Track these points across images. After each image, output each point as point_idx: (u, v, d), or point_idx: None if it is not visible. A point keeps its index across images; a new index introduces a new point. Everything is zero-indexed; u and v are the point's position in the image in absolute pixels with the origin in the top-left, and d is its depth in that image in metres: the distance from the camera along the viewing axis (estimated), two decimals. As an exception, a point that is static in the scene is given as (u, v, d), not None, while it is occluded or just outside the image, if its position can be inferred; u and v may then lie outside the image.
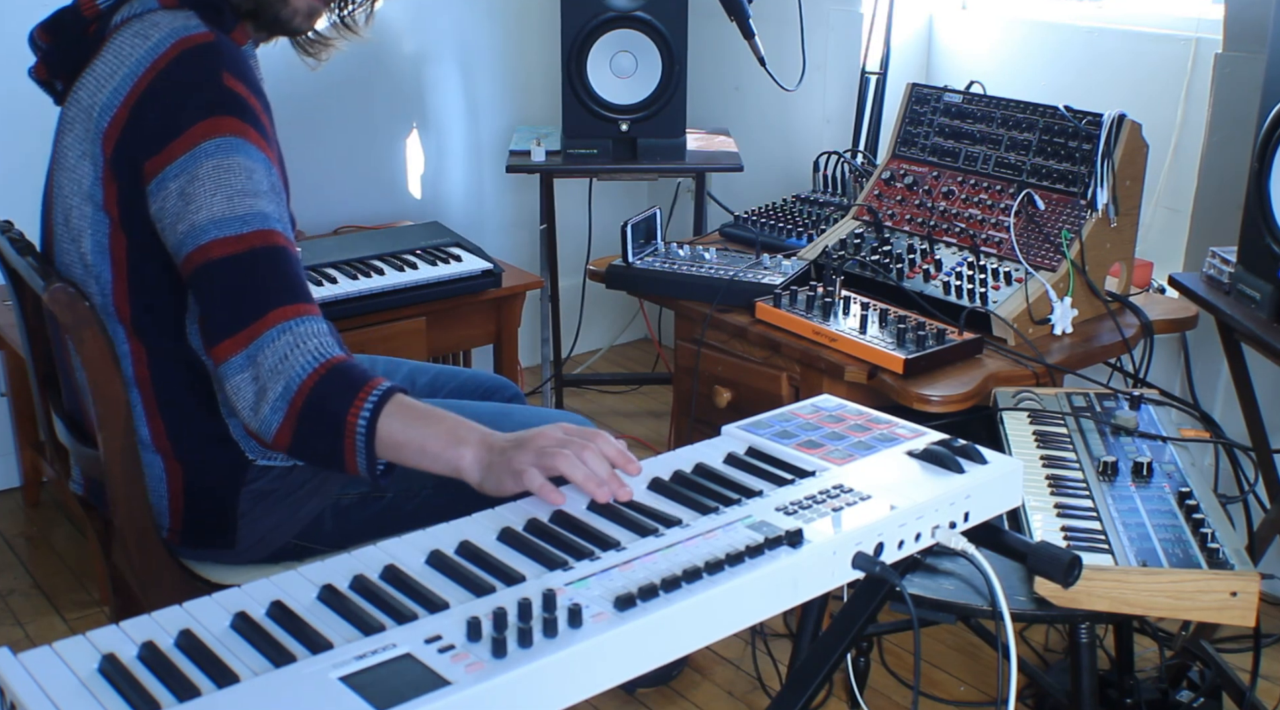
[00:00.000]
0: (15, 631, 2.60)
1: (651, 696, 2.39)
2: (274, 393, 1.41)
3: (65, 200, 1.58)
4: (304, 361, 1.42)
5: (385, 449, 1.41)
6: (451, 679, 0.92)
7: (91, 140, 1.53)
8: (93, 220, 1.55)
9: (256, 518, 1.63)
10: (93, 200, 1.54)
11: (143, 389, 1.59)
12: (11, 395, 3.01)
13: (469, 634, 0.97)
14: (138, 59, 1.52)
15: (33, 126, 2.99)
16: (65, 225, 1.58)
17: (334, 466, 1.44)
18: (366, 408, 1.40)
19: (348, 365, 1.44)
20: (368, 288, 2.72)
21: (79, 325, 1.53)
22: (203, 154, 1.47)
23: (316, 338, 1.44)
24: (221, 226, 1.46)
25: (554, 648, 0.95)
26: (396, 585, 1.07)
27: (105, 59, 1.55)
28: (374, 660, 0.94)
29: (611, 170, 3.09)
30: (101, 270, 1.56)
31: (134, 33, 1.54)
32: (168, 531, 1.64)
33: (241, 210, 1.47)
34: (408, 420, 1.40)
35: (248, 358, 1.43)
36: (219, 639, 0.99)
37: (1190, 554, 1.46)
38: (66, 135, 1.58)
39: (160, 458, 1.61)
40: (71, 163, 1.56)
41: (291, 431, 1.42)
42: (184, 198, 1.47)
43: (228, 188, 1.47)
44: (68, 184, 1.57)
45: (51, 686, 0.92)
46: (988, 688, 2.40)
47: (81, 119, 1.55)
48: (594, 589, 1.04)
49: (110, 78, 1.53)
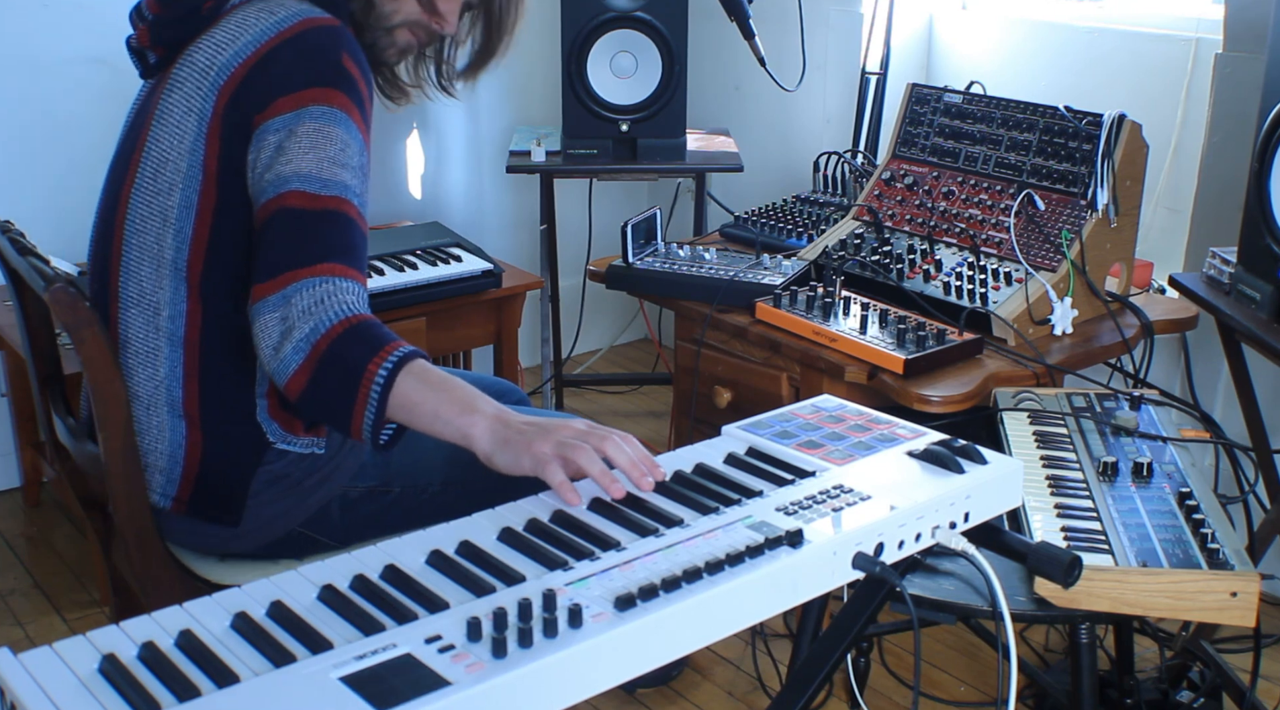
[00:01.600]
0: (15, 631, 2.60)
1: (651, 696, 2.39)
2: (299, 333, 1.44)
3: (160, 154, 1.61)
4: (336, 310, 1.45)
5: (398, 409, 1.42)
6: (451, 679, 0.92)
7: (204, 96, 1.58)
8: (187, 174, 1.59)
9: (266, 501, 1.64)
10: (192, 155, 1.58)
11: (188, 351, 1.61)
12: (11, 395, 3.02)
13: (469, 634, 0.97)
14: (263, 29, 1.58)
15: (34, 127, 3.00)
16: (154, 179, 1.61)
17: (339, 421, 1.45)
18: (389, 362, 1.42)
19: (375, 324, 1.47)
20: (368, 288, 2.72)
21: (79, 325, 1.54)
22: (307, 116, 1.53)
23: (353, 295, 1.48)
24: (305, 181, 1.51)
25: (554, 648, 0.95)
26: (396, 585, 1.07)
27: (226, 28, 1.60)
28: (374, 660, 0.94)
29: (611, 170, 3.09)
30: (184, 225, 1.59)
31: (259, 9, 1.61)
32: (172, 501, 1.63)
33: (327, 174, 1.52)
34: (425, 383, 1.41)
35: (283, 297, 1.46)
36: (219, 639, 0.99)
37: (1190, 554, 1.46)
38: (174, 93, 1.61)
39: (185, 424, 1.62)
40: (176, 118, 1.60)
41: (309, 375, 1.44)
42: (279, 150, 1.52)
43: (320, 151, 1.52)
44: (166, 138, 1.61)
45: (51, 686, 0.92)
46: (988, 688, 2.40)
47: (194, 78, 1.60)
48: (594, 589, 1.04)
49: (232, 43, 1.58)
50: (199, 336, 1.61)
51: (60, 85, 2.96)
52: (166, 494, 1.63)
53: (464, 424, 1.38)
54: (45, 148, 2.99)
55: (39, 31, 2.94)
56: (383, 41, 1.74)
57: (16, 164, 2.96)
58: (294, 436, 1.63)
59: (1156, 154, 2.56)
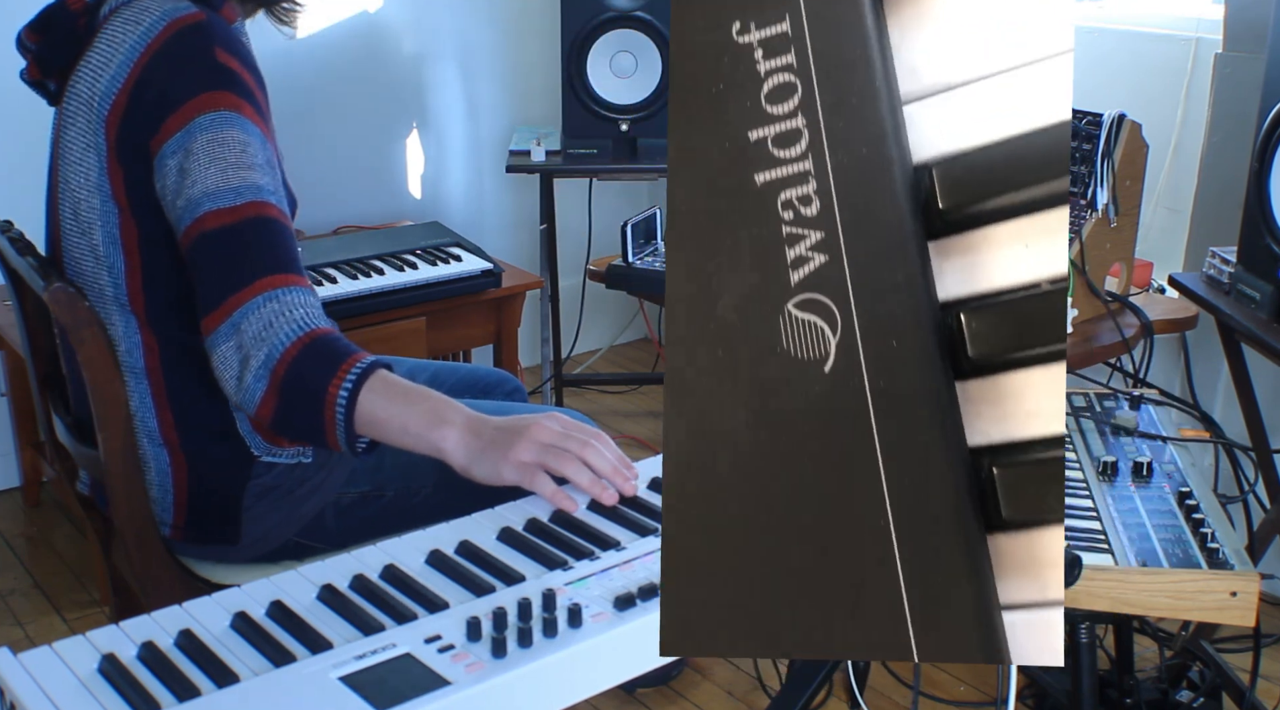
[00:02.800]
0: (15, 631, 2.60)
1: (651, 696, 2.39)
2: (256, 361, 1.41)
3: (73, 194, 1.58)
4: (288, 330, 1.41)
5: (365, 425, 1.39)
6: (451, 679, 0.92)
7: (94, 130, 1.54)
8: (102, 211, 1.55)
9: (259, 514, 1.63)
10: (101, 191, 1.55)
11: (153, 380, 1.59)
12: (11, 395, 3.01)
13: (469, 634, 0.97)
14: (131, 44, 1.53)
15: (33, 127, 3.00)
16: (74, 219, 1.58)
17: (316, 441, 1.44)
18: (348, 381, 1.38)
19: (332, 337, 1.43)
20: (368, 288, 2.72)
21: (79, 325, 1.53)
22: (197, 128, 1.48)
23: (303, 308, 1.44)
24: (215, 198, 1.46)
25: (554, 648, 0.95)
26: (396, 585, 1.07)
27: (99, 49, 1.56)
28: (374, 660, 0.94)
29: (611, 170, 3.09)
30: (114, 261, 1.56)
31: (125, 20, 1.55)
32: (170, 528, 1.63)
33: (235, 182, 1.47)
34: (390, 397, 1.38)
35: (232, 326, 1.43)
36: (219, 639, 0.99)
37: (1190, 554, 1.46)
38: (69, 129, 1.58)
39: (166, 451, 1.61)
40: (76, 156, 1.57)
41: (274, 402, 1.41)
42: (181, 173, 1.48)
43: (221, 161, 1.48)
44: (74, 177, 1.57)
45: (51, 686, 0.92)
46: (988, 688, 2.40)
47: (82, 111, 1.56)
48: (594, 589, 1.04)
49: (106, 66, 1.54)
50: (159, 364, 1.59)
51: (60, 85, 2.96)
52: (164, 522, 1.63)
53: (435, 438, 1.35)
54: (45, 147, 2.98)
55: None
56: None
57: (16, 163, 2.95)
58: (278, 447, 1.61)
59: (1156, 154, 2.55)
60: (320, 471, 1.65)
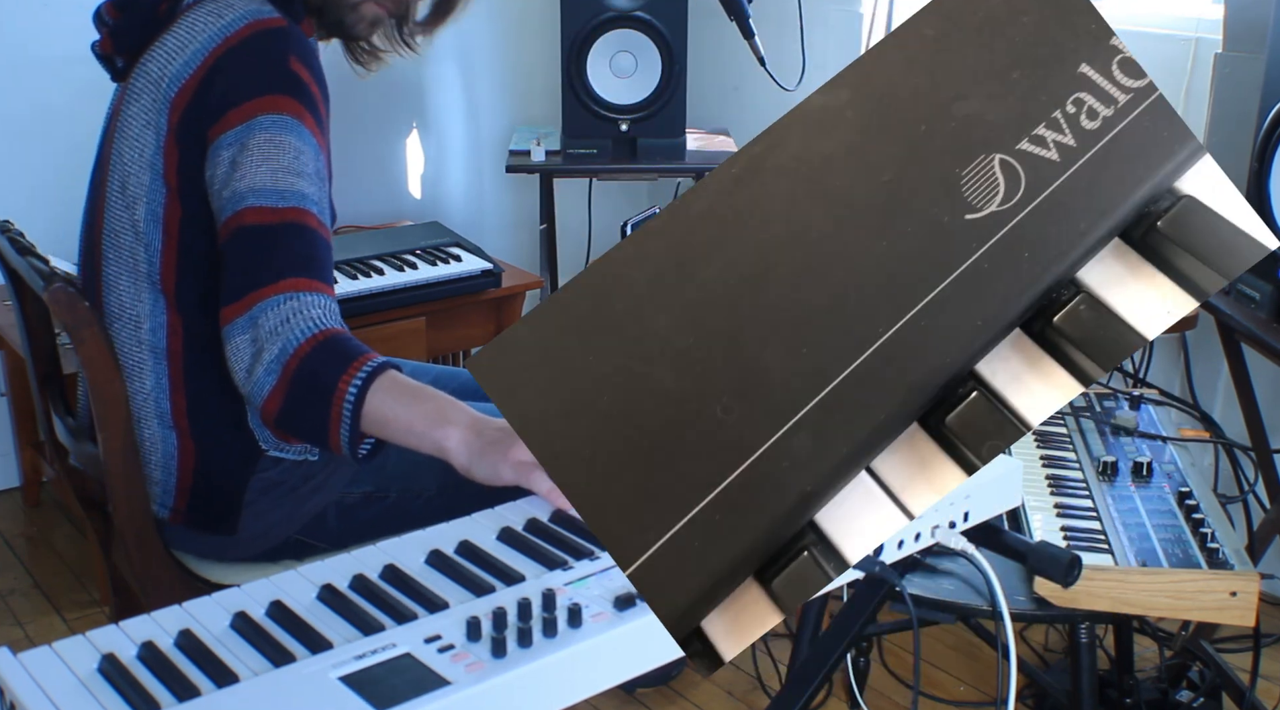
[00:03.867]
0: (15, 631, 2.60)
1: (651, 696, 2.39)
2: (269, 354, 1.43)
3: (124, 167, 1.60)
4: (303, 327, 1.44)
5: (371, 424, 1.41)
6: (451, 678, 0.92)
7: (158, 110, 1.57)
8: (150, 188, 1.57)
9: (262, 509, 1.63)
10: (153, 168, 1.57)
11: (173, 363, 1.60)
12: (11, 395, 3.02)
13: (469, 634, 0.97)
14: (210, 35, 1.56)
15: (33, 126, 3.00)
16: (121, 192, 1.60)
17: (319, 440, 1.45)
18: (358, 378, 1.40)
19: (345, 337, 1.46)
20: (368, 288, 2.72)
21: (79, 325, 1.54)
22: (257, 127, 1.51)
23: (320, 309, 1.46)
24: (260, 196, 1.49)
25: (554, 648, 0.95)
26: (396, 585, 1.07)
27: (177, 34, 1.59)
28: (374, 660, 0.94)
29: (611, 170, 3.09)
30: (152, 238, 1.58)
31: (208, 12, 1.58)
32: (170, 511, 1.63)
33: (283, 185, 1.50)
34: (397, 396, 1.40)
35: (250, 319, 1.45)
36: (219, 639, 0.99)
37: (1190, 554, 1.46)
38: (131, 105, 1.61)
39: (175, 435, 1.61)
40: (135, 131, 1.59)
41: (282, 396, 1.43)
42: (233, 166, 1.51)
43: (274, 162, 1.50)
44: (129, 151, 1.60)
45: (51, 686, 0.92)
46: (988, 688, 2.40)
47: (149, 89, 1.58)
48: (594, 589, 1.04)
49: (181, 51, 1.57)
50: (181, 347, 1.60)
51: (60, 84, 2.96)
52: (164, 505, 1.64)
53: (438, 437, 1.37)
54: (44, 147, 2.99)
55: (39, 30, 2.94)
56: (349, 18, 1.71)
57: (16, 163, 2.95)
58: (286, 443, 1.62)
59: (1156, 154, 2.55)
60: (324, 470, 1.66)
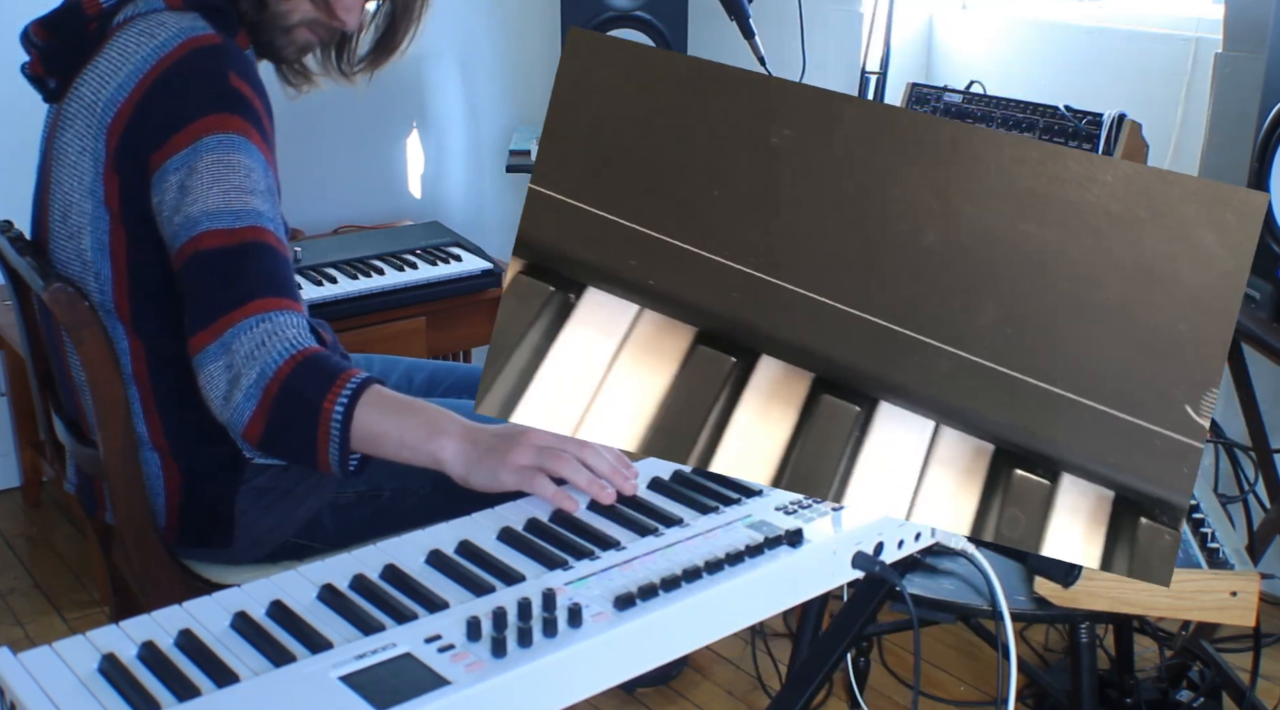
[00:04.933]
0: (15, 631, 2.60)
1: (651, 696, 2.39)
2: (247, 379, 1.40)
3: (64, 197, 1.57)
4: (280, 349, 1.41)
5: (361, 440, 1.40)
6: (451, 678, 0.92)
7: (94, 136, 1.53)
8: (93, 216, 1.55)
9: (254, 516, 1.63)
10: (93, 196, 1.54)
11: (141, 386, 1.59)
12: (11, 395, 3.02)
13: (469, 633, 0.97)
14: (144, 56, 1.52)
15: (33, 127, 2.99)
16: (63, 222, 1.58)
17: (305, 460, 1.43)
18: (344, 396, 1.39)
19: (324, 355, 1.43)
20: (368, 288, 2.72)
21: (79, 325, 1.53)
22: (204, 148, 1.48)
23: (295, 329, 1.44)
24: (215, 219, 1.46)
25: (554, 647, 0.95)
26: (396, 585, 1.07)
27: (109, 56, 1.55)
28: (374, 660, 0.94)
29: (611, 170, 3.08)
30: (101, 267, 1.56)
31: (139, 31, 1.55)
32: (164, 531, 1.63)
33: (237, 205, 1.47)
34: (385, 410, 1.39)
35: (222, 345, 1.42)
36: (219, 639, 0.99)
37: (1190, 554, 1.46)
38: (65, 131, 1.58)
39: (157, 455, 1.61)
40: (72, 159, 1.56)
41: (264, 420, 1.41)
42: (182, 190, 1.47)
43: (225, 183, 1.47)
44: (67, 180, 1.57)
45: (51, 686, 0.92)
46: (988, 688, 2.40)
47: (83, 115, 1.55)
48: (594, 589, 1.04)
49: (115, 74, 1.53)
50: (147, 369, 1.58)
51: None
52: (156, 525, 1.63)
53: (432, 448, 1.36)
54: (45, 148, 2.99)
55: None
56: (280, 40, 1.67)
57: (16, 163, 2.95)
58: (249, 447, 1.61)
59: (1156, 154, 2.55)
60: (315, 472, 1.65)
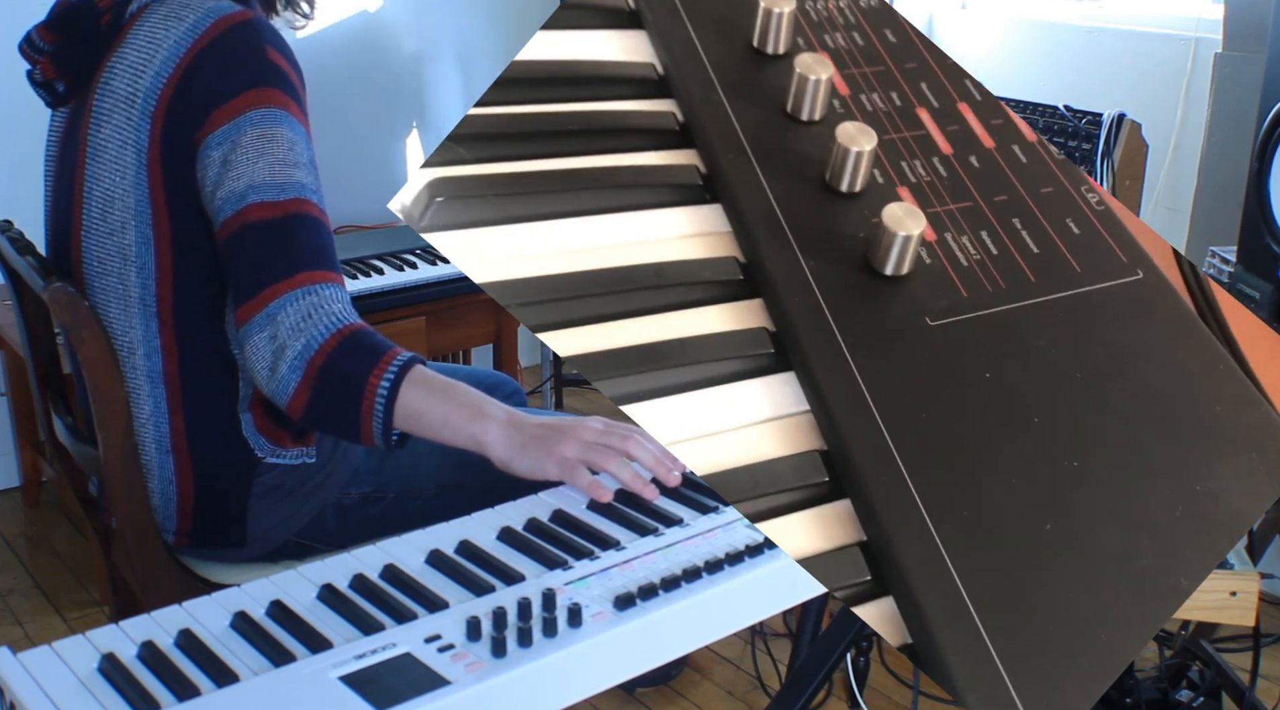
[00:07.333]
0: (15, 631, 2.60)
1: (651, 696, 2.39)
2: (293, 351, 1.41)
3: (105, 192, 1.56)
4: (327, 323, 1.42)
5: (404, 418, 1.40)
6: (451, 678, 0.92)
7: (135, 126, 1.53)
8: (136, 210, 1.54)
9: (261, 513, 1.63)
10: (138, 189, 1.54)
11: (170, 386, 1.59)
12: (11, 395, 3.02)
13: (469, 633, 0.97)
14: (177, 40, 1.52)
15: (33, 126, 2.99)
16: (103, 219, 1.57)
17: (348, 433, 1.44)
18: (390, 373, 1.40)
19: (368, 332, 1.45)
20: (368, 287, 2.72)
21: (79, 325, 1.53)
22: (246, 123, 1.48)
23: (339, 303, 1.45)
24: (260, 191, 1.47)
25: (554, 647, 0.95)
26: (396, 585, 1.07)
27: (136, 46, 1.55)
28: (374, 659, 0.94)
29: (611, 170, 3.08)
30: (145, 260, 1.55)
31: (165, 16, 1.54)
32: (175, 535, 1.63)
33: (281, 178, 1.48)
34: (430, 390, 1.40)
35: (268, 316, 1.43)
36: (219, 638, 0.99)
37: (1190, 554, 1.46)
38: (102, 128, 1.56)
39: (173, 458, 1.60)
40: (113, 153, 1.55)
41: (309, 392, 1.42)
42: (225, 165, 1.48)
43: (269, 156, 1.48)
44: (108, 176, 1.56)
45: (51, 686, 0.92)
46: (988, 687, 2.40)
47: (120, 108, 1.54)
48: (594, 589, 1.04)
49: (149, 63, 1.53)
50: (178, 368, 1.58)
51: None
52: (167, 530, 1.63)
53: (476, 430, 1.37)
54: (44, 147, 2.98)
55: (39, 31, 2.94)
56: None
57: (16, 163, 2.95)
58: (282, 448, 1.61)
59: (1156, 153, 2.55)
60: (322, 472, 1.66)
